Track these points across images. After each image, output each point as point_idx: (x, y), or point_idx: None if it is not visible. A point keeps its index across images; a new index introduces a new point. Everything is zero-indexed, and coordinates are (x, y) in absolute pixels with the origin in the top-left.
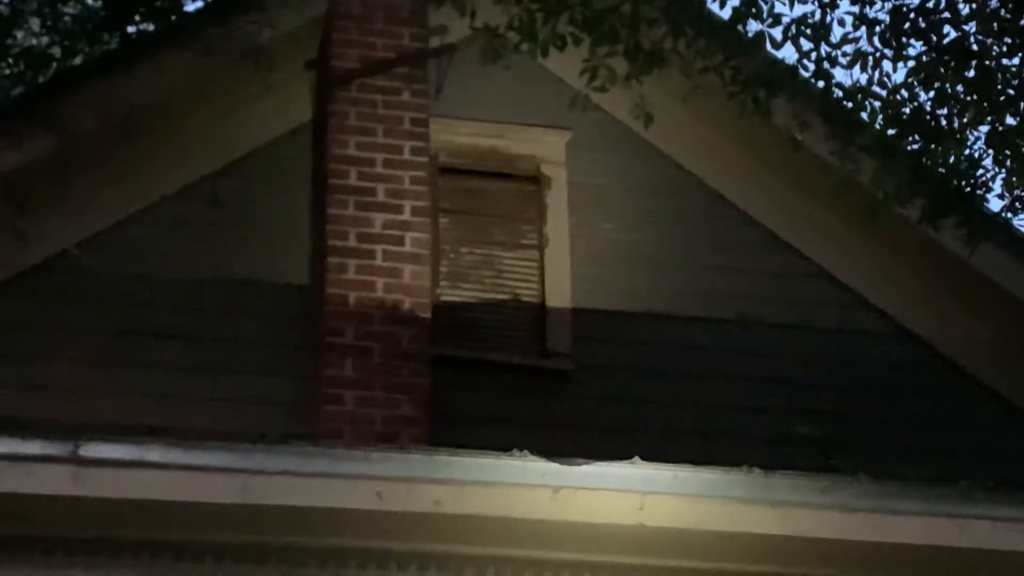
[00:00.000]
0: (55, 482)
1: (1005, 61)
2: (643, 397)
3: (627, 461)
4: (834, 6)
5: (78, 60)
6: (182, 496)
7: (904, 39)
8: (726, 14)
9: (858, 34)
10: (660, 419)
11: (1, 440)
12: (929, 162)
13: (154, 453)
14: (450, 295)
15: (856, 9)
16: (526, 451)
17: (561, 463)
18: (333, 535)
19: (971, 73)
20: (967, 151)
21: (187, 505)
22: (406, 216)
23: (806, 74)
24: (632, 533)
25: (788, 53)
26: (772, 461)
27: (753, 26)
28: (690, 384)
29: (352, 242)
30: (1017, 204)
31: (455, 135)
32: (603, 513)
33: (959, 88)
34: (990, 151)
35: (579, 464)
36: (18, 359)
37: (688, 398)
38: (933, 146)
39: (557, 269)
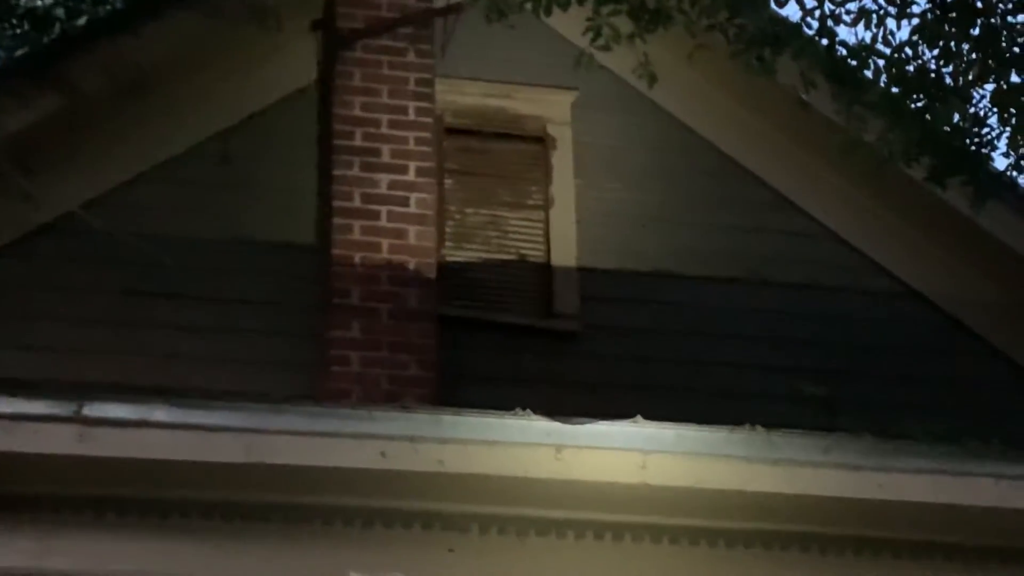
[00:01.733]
0: (59, 442)
1: (1010, 18)
2: (650, 357)
3: (630, 420)
4: None
5: (82, 21)
6: (187, 456)
7: None
8: None
9: None
10: (667, 379)
11: (5, 400)
12: (934, 120)
13: (158, 413)
14: (456, 256)
15: None
16: (529, 410)
17: (564, 422)
18: (338, 494)
19: (976, 30)
20: (972, 109)
21: (192, 464)
22: (411, 177)
23: (810, 32)
24: (635, 492)
25: (792, 11)
26: (779, 420)
27: None
28: (697, 344)
29: (357, 203)
30: (1023, 162)
31: (460, 95)
32: (606, 472)
33: (964, 46)
34: (995, 109)
35: (582, 423)
36: (24, 319)
37: (695, 358)
38: (938, 104)
39: (563, 229)
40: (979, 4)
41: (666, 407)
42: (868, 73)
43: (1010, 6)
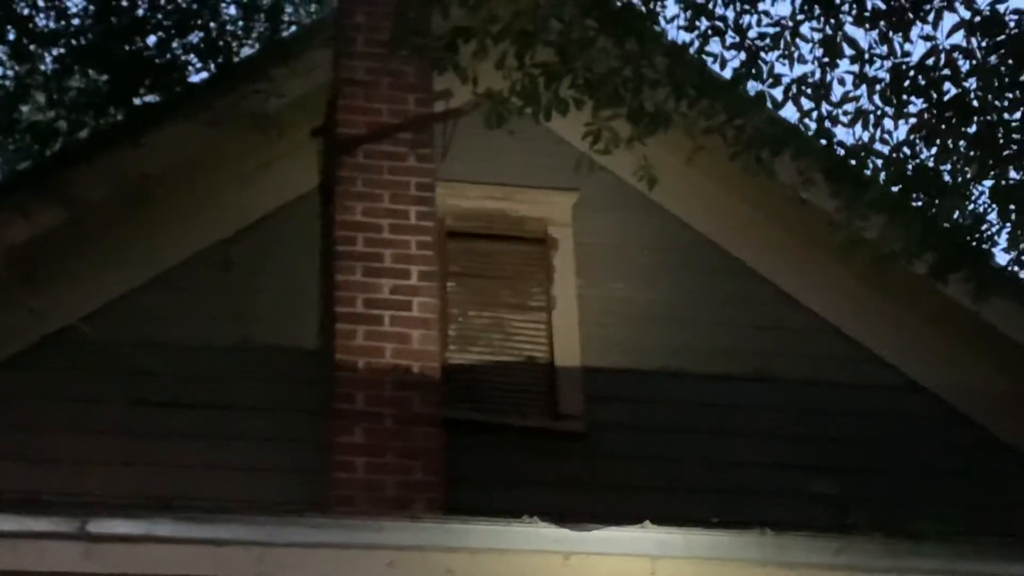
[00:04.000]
0: (66, 559)
1: (1006, 116)
2: (656, 456)
3: (638, 525)
4: (834, 65)
5: (84, 133)
6: (194, 570)
7: (905, 96)
8: (727, 75)
9: (858, 92)
10: (674, 478)
11: (12, 518)
12: (934, 216)
13: (164, 527)
14: (459, 358)
15: (856, 68)
16: (536, 517)
17: (572, 528)
18: None
19: (973, 129)
20: (971, 206)
21: None
22: (413, 281)
23: (808, 133)
24: None
25: (789, 112)
26: (788, 518)
27: (754, 86)
28: (703, 442)
29: (360, 308)
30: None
31: (461, 199)
32: None
33: (961, 144)
34: (995, 205)
35: (590, 529)
36: (29, 432)
37: (701, 456)
38: (937, 202)
39: (566, 330)
40: (975, 103)
41: (674, 507)
42: (867, 172)
43: (1006, 103)
